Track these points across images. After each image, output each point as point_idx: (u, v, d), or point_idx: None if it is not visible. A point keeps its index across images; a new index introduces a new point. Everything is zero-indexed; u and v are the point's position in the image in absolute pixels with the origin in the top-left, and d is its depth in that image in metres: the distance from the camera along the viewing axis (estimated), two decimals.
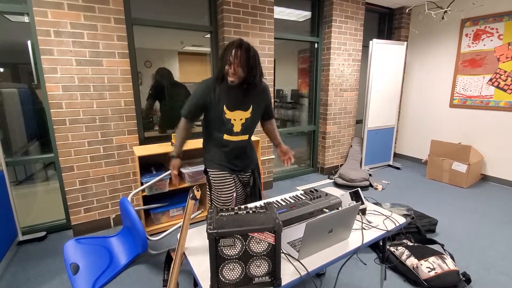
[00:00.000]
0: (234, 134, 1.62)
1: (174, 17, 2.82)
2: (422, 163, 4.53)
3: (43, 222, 2.59)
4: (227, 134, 1.61)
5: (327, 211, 1.40)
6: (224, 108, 1.55)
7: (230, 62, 1.44)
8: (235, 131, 1.61)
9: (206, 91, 1.55)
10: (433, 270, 1.82)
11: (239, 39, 1.49)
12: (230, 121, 1.58)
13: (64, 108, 2.30)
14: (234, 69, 1.45)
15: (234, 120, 1.58)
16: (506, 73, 3.52)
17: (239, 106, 1.58)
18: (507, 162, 3.63)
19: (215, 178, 1.71)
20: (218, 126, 1.61)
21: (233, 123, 1.59)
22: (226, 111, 1.55)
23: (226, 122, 1.58)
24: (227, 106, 1.55)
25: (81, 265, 1.96)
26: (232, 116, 1.57)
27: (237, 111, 1.58)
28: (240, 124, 1.61)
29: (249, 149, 1.78)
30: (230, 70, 1.46)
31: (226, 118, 1.57)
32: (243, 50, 1.44)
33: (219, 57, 1.52)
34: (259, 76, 1.52)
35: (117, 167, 2.59)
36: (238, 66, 1.45)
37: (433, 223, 2.50)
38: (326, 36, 3.78)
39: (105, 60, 2.40)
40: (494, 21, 3.58)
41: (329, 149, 4.13)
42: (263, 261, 0.98)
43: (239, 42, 1.46)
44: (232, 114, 1.57)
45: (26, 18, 2.24)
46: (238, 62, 1.44)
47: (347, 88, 4.06)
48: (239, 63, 1.44)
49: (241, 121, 1.60)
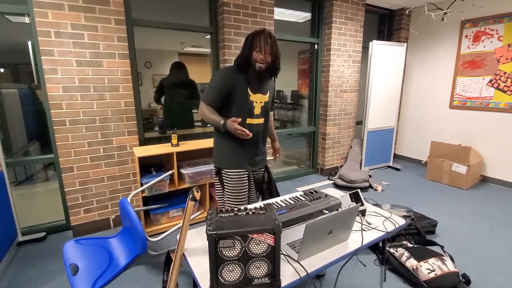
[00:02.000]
0: (255, 116, 1.72)
1: (174, 18, 2.82)
2: (422, 164, 4.53)
3: (43, 222, 2.59)
4: (249, 117, 1.70)
5: (326, 212, 1.40)
6: (249, 90, 1.65)
7: (260, 49, 1.55)
8: (256, 113, 1.71)
9: (229, 77, 1.63)
10: (432, 272, 1.81)
11: (263, 28, 1.61)
12: (252, 103, 1.69)
13: (64, 109, 2.31)
14: (265, 55, 1.56)
15: (256, 102, 1.70)
16: (506, 74, 3.52)
17: (259, 89, 1.70)
18: (507, 164, 3.63)
19: (230, 178, 1.74)
20: (241, 109, 1.67)
21: (255, 105, 1.70)
22: (250, 93, 1.66)
23: (249, 104, 1.68)
24: (251, 89, 1.66)
25: (80, 265, 1.96)
26: (254, 99, 1.69)
27: (258, 94, 1.69)
28: (260, 107, 1.72)
29: (263, 139, 1.85)
30: (261, 56, 1.56)
31: (250, 100, 1.67)
32: (271, 37, 1.56)
33: (244, 46, 1.61)
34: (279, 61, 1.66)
35: (117, 168, 2.59)
36: (267, 53, 1.55)
37: (433, 224, 2.50)
38: (326, 37, 3.79)
39: (106, 61, 2.40)
40: (494, 23, 3.58)
41: (329, 150, 4.13)
42: (263, 262, 0.98)
43: (266, 30, 1.58)
44: (255, 96, 1.68)
45: (26, 19, 2.25)
46: (268, 48, 1.55)
47: (347, 89, 4.07)
48: (269, 49, 1.55)
49: (260, 104, 1.72)
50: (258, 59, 1.56)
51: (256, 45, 1.55)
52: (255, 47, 1.55)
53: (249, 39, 1.59)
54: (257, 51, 1.55)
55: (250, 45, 1.57)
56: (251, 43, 1.57)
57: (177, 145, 2.65)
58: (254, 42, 1.56)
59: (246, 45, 1.60)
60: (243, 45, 1.62)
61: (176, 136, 2.63)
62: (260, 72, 1.60)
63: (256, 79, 1.65)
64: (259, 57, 1.56)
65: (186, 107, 3.19)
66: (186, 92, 3.15)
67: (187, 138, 3.00)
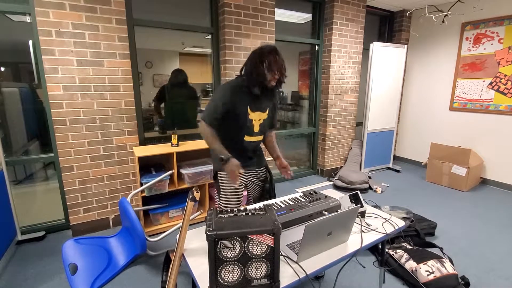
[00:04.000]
0: (254, 134, 1.73)
1: (175, 18, 2.83)
2: (421, 166, 4.53)
3: (42, 221, 2.59)
4: (248, 135, 1.71)
5: (326, 214, 1.40)
6: (248, 109, 1.66)
7: (274, 70, 1.56)
8: (255, 131, 1.72)
9: (232, 95, 1.62)
10: (432, 274, 1.81)
11: (269, 46, 1.60)
12: (252, 121, 1.69)
13: (65, 108, 2.31)
14: (277, 74, 1.58)
15: (254, 120, 1.70)
16: (506, 77, 3.53)
17: (259, 107, 1.70)
18: (507, 166, 3.63)
19: (224, 180, 1.75)
20: (240, 127, 1.68)
21: (254, 123, 1.70)
22: (249, 111, 1.66)
23: (248, 122, 1.68)
24: (250, 107, 1.66)
25: (79, 265, 1.96)
26: (253, 117, 1.69)
27: (257, 112, 1.70)
28: (258, 125, 1.73)
29: (259, 149, 1.90)
30: (275, 76, 1.58)
31: (249, 119, 1.68)
32: (280, 56, 1.58)
33: (252, 65, 1.59)
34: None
35: (116, 168, 2.59)
36: (279, 72, 1.58)
37: (432, 226, 2.50)
38: (327, 39, 3.79)
39: (106, 61, 2.40)
40: (494, 25, 3.59)
41: (329, 151, 4.13)
42: (262, 263, 0.98)
43: (277, 50, 1.58)
44: (254, 115, 1.69)
45: (28, 18, 2.25)
46: (280, 68, 1.57)
47: (348, 91, 4.07)
48: (280, 68, 1.57)
49: (259, 122, 1.73)
50: (273, 79, 1.59)
51: (271, 66, 1.55)
52: (271, 68, 1.55)
53: (258, 57, 1.57)
54: (272, 71, 1.56)
55: (262, 65, 1.55)
56: (264, 62, 1.55)
57: (177, 145, 2.65)
58: (268, 63, 1.55)
59: (256, 63, 1.57)
60: (253, 62, 1.58)
61: (176, 136, 2.63)
62: (266, 90, 1.66)
63: (254, 96, 1.64)
64: (275, 77, 1.59)
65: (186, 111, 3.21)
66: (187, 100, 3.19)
67: (187, 138, 3.00)
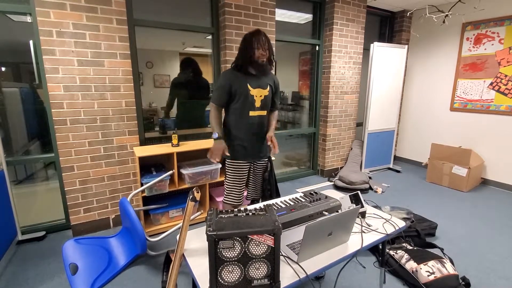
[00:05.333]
0: (256, 109, 1.98)
1: (176, 19, 2.83)
2: (422, 167, 4.53)
3: (42, 221, 2.59)
4: (251, 109, 1.97)
5: (326, 214, 1.40)
6: (248, 86, 1.93)
7: (260, 47, 1.85)
8: (256, 106, 1.98)
9: (232, 77, 1.93)
10: (432, 274, 1.81)
11: (256, 29, 1.92)
12: (253, 97, 1.95)
13: (65, 108, 2.31)
14: (264, 50, 1.87)
15: (256, 96, 1.96)
16: (507, 77, 3.52)
17: (259, 85, 1.97)
18: (508, 166, 3.63)
19: (229, 166, 2.05)
20: (244, 103, 1.94)
21: (255, 99, 1.96)
22: (250, 88, 1.93)
23: (250, 98, 1.94)
24: (250, 84, 1.93)
25: (80, 265, 1.96)
26: (254, 93, 1.95)
27: (258, 89, 1.96)
28: (260, 100, 1.98)
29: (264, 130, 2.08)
30: (262, 52, 1.87)
31: (251, 95, 1.94)
32: (265, 36, 1.88)
33: (242, 48, 1.92)
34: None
35: (117, 168, 2.59)
36: (265, 49, 1.88)
37: (432, 226, 2.50)
38: (327, 39, 3.79)
39: (107, 61, 2.40)
40: (495, 25, 3.59)
41: (329, 152, 4.12)
42: (262, 263, 0.98)
43: (260, 31, 1.89)
44: (254, 91, 1.95)
45: (28, 18, 2.25)
46: (265, 45, 1.87)
47: (348, 91, 4.07)
48: (266, 46, 1.88)
49: (260, 97, 1.98)
50: (260, 55, 1.87)
51: (256, 43, 1.85)
52: (257, 46, 1.85)
53: (247, 40, 1.88)
54: (258, 48, 1.85)
55: (251, 45, 1.86)
56: (252, 43, 1.86)
57: (177, 145, 2.65)
58: (254, 42, 1.85)
59: (246, 46, 1.88)
60: (243, 46, 1.91)
61: (177, 136, 2.63)
62: (259, 67, 1.91)
63: (255, 75, 1.95)
64: (261, 53, 1.87)
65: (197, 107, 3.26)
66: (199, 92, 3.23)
67: (187, 138, 3.00)
